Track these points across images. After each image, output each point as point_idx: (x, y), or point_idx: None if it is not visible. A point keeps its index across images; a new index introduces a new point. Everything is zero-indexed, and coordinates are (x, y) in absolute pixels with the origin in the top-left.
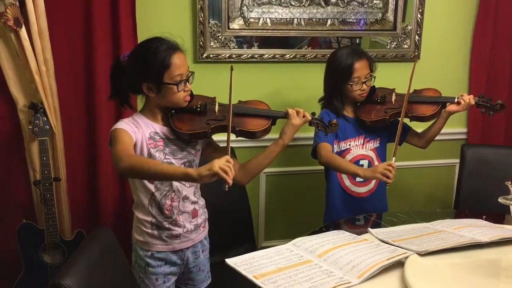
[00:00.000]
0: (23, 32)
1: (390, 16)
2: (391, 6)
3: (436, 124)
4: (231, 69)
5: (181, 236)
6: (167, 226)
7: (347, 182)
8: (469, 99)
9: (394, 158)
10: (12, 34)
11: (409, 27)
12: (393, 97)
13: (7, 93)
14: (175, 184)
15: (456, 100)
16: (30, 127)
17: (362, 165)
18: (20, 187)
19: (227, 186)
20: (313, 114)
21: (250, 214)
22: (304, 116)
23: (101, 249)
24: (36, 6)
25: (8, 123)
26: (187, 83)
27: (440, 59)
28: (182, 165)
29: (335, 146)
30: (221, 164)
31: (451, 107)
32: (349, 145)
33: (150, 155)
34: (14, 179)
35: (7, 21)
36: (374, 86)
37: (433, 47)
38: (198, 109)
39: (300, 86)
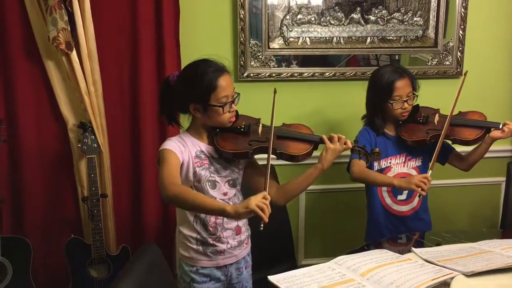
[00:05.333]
0: (73, 55)
1: (431, 33)
2: (432, 23)
3: (479, 149)
4: (274, 92)
5: (225, 252)
6: (211, 242)
7: (388, 200)
8: None
9: (430, 172)
10: (63, 57)
11: (451, 44)
12: (436, 118)
13: (58, 113)
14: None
15: (500, 127)
16: (79, 145)
17: None
18: (68, 203)
19: (262, 224)
20: (355, 141)
21: (291, 231)
22: (345, 144)
23: (149, 265)
24: (86, 30)
25: (59, 142)
26: (232, 105)
27: (483, 76)
28: (226, 183)
29: (375, 164)
30: (257, 201)
31: (494, 134)
32: (390, 163)
33: (195, 173)
34: (63, 196)
35: (59, 45)
36: (418, 105)
37: (476, 64)
38: (242, 130)
39: (340, 104)
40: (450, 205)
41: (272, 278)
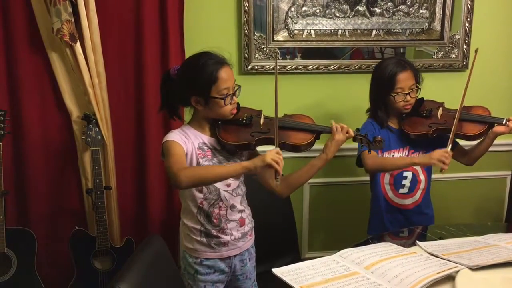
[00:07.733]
0: (77, 47)
1: (437, 25)
2: (438, 15)
3: (482, 144)
4: (276, 56)
5: (229, 243)
6: (215, 234)
7: (390, 194)
8: None
9: (450, 146)
10: (67, 49)
11: (457, 36)
12: (439, 112)
13: (62, 105)
14: (223, 193)
15: (504, 122)
16: (83, 137)
17: (406, 177)
18: (73, 195)
19: (278, 177)
20: (357, 130)
21: (294, 224)
22: (347, 132)
23: (153, 256)
24: (90, 22)
25: (63, 134)
26: (234, 97)
27: (489, 69)
28: None
29: (379, 156)
30: (272, 155)
31: (498, 129)
32: (393, 156)
33: (199, 164)
34: (67, 188)
35: (63, 36)
36: (422, 98)
37: (482, 57)
38: (244, 121)
39: (345, 97)
40: (455, 198)
41: (277, 271)
